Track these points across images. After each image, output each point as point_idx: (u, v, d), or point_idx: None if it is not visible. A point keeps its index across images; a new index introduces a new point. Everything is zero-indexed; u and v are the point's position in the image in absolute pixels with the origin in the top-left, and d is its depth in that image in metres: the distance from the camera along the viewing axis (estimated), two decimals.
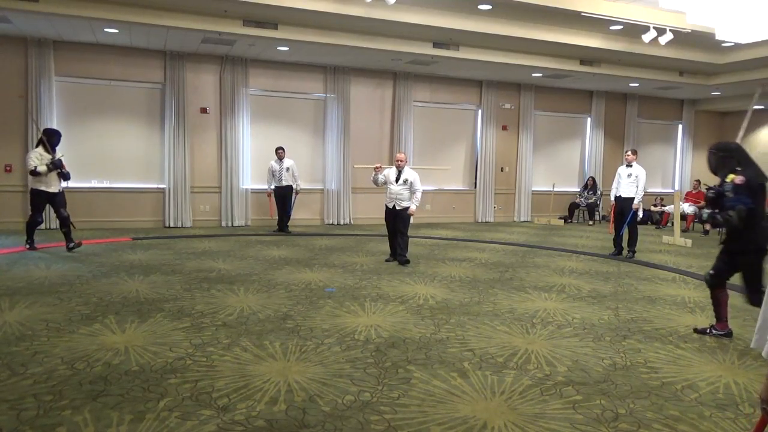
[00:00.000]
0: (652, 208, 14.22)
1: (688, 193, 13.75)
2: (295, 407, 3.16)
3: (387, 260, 7.85)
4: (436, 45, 10.31)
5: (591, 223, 13.83)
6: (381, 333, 4.55)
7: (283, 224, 10.62)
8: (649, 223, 14.11)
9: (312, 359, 3.91)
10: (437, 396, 3.37)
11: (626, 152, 9.00)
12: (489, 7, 8.78)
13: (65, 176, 7.90)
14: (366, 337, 4.44)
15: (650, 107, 15.34)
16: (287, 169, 10.47)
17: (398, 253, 7.75)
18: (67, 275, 6.35)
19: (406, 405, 3.23)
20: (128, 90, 10.69)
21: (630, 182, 8.55)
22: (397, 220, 7.76)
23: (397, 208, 7.71)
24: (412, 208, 7.71)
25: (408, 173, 7.68)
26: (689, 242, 10.31)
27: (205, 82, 11.14)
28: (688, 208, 13.10)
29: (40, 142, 7.82)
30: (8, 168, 10.00)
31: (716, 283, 4.70)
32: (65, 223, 7.81)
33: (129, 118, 10.75)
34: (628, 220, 8.63)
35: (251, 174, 11.49)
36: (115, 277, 6.35)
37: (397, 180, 7.69)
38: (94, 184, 10.51)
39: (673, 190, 14.78)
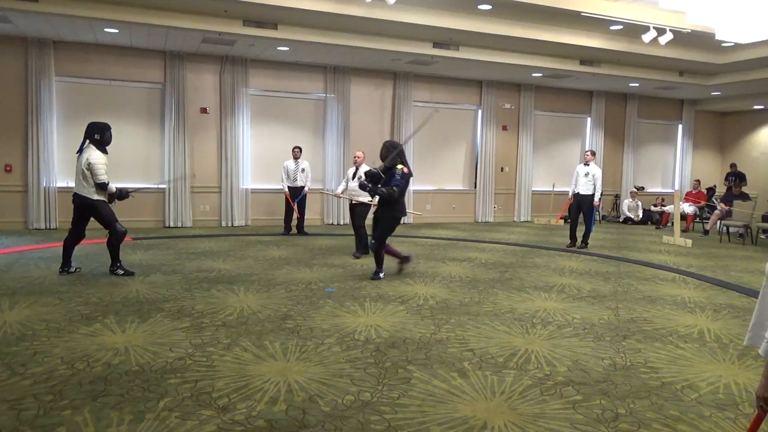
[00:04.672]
0: (652, 208, 14.23)
1: (688, 193, 13.76)
2: (295, 407, 3.16)
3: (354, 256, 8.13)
4: (436, 45, 10.32)
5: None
6: (381, 333, 4.55)
7: (300, 225, 10.50)
8: (648, 223, 14.12)
9: (312, 359, 3.91)
10: (437, 396, 3.37)
11: (585, 152, 9.89)
12: (489, 7, 8.78)
13: (117, 198, 6.49)
14: (366, 337, 4.44)
15: (650, 107, 15.34)
16: (302, 170, 10.35)
17: (357, 246, 8.11)
18: (67, 275, 6.35)
19: (406, 405, 3.23)
20: (128, 90, 10.69)
21: (587, 181, 9.37)
22: (354, 214, 8.17)
23: (353, 201, 8.13)
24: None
25: (363, 170, 7.88)
26: (689, 242, 10.31)
27: (205, 82, 11.14)
28: (688, 208, 13.11)
29: (89, 142, 6.25)
30: (8, 168, 10.00)
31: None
32: (78, 241, 6.57)
33: (129, 118, 10.75)
34: (591, 217, 9.46)
35: (251, 174, 11.49)
36: (115, 277, 6.35)
37: (354, 176, 8.10)
38: None
39: (673, 190, 14.78)
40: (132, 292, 5.68)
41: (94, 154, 6.22)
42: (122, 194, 6.49)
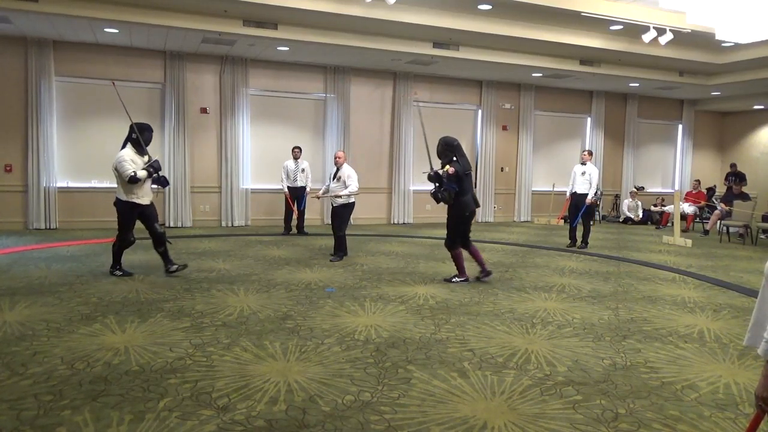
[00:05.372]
0: (652, 208, 14.23)
1: (688, 193, 13.76)
2: (295, 407, 3.16)
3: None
4: (436, 45, 10.32)
5: (591, 223, 13.80)
6: (381, 333, 4.55)
7: (300, 225, 10.49)
8: (648, 223, 14.12)
9: (312, 359, 3.91)
10: (437, 396, 3.37)
11: (583, 152, 9.94)
12: (489, 7, 8.78)
13: (162, 182, 6.49)
14: (366, 337, 4.44)
15: (650, 107, 15.34)
16: (303, 170, 10.36)
17: (334, 250, 7.92)
18: (67, 275, 6.35)
19: (406, 405, 3.23)
20: (128, 90, 10.66)
21: (584, 180, 9.48)
22: (334, 216, 8.04)
23: (333, 204, 8.00)
24: (341, 193, 7.82)
25: (344, 170, 7.92)
26: (689, 242, 10.31)
27: (205, 82, 11.14)
28: (688, 208, 13.11)
29: (128, 141, 6.34)
30: (8, 168, 10.00)
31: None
32: (161, 242, 6.42)
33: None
34: (581, 212, 9.52)
35: (251, 174, 11.49)
36: (115, 277, 6.34)
37: (333, 177, 8.02)
38: (94, 184, 10.51)
39: (673, 190, 14.79)
40: (132, 292, 5.68)
41: (120, 153, 6.26)
42: (155, 167, 6.35)
